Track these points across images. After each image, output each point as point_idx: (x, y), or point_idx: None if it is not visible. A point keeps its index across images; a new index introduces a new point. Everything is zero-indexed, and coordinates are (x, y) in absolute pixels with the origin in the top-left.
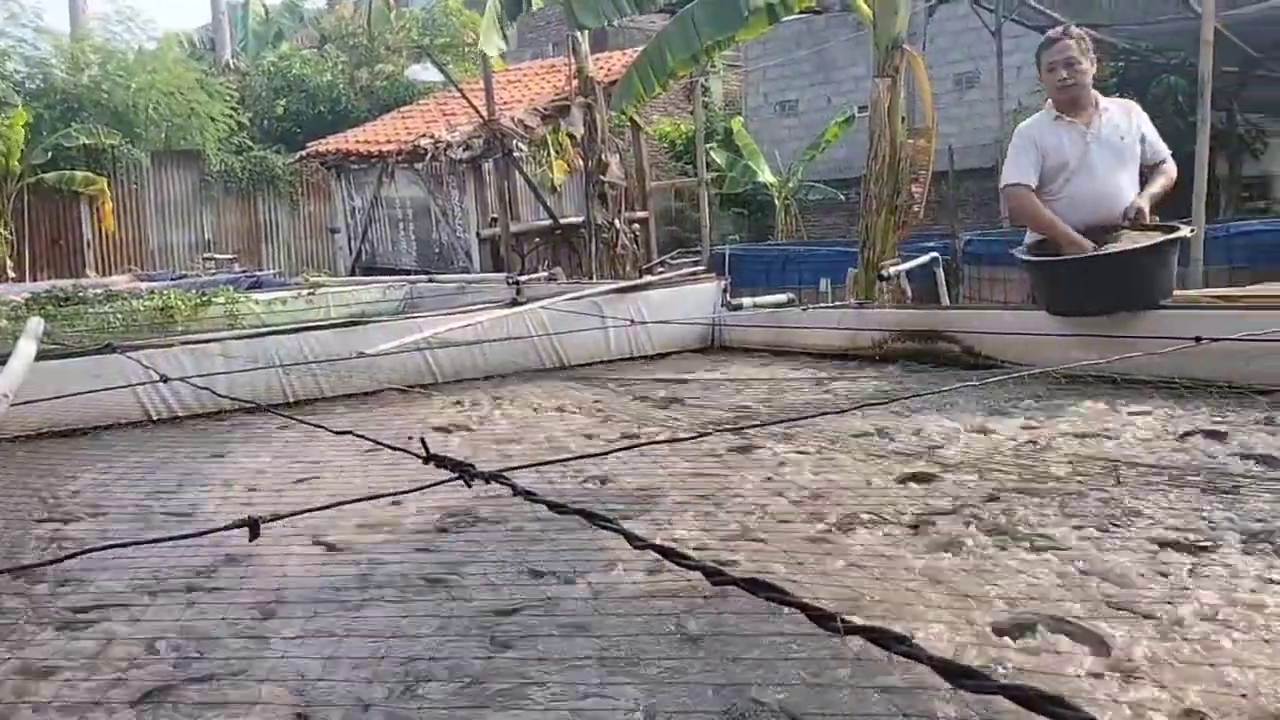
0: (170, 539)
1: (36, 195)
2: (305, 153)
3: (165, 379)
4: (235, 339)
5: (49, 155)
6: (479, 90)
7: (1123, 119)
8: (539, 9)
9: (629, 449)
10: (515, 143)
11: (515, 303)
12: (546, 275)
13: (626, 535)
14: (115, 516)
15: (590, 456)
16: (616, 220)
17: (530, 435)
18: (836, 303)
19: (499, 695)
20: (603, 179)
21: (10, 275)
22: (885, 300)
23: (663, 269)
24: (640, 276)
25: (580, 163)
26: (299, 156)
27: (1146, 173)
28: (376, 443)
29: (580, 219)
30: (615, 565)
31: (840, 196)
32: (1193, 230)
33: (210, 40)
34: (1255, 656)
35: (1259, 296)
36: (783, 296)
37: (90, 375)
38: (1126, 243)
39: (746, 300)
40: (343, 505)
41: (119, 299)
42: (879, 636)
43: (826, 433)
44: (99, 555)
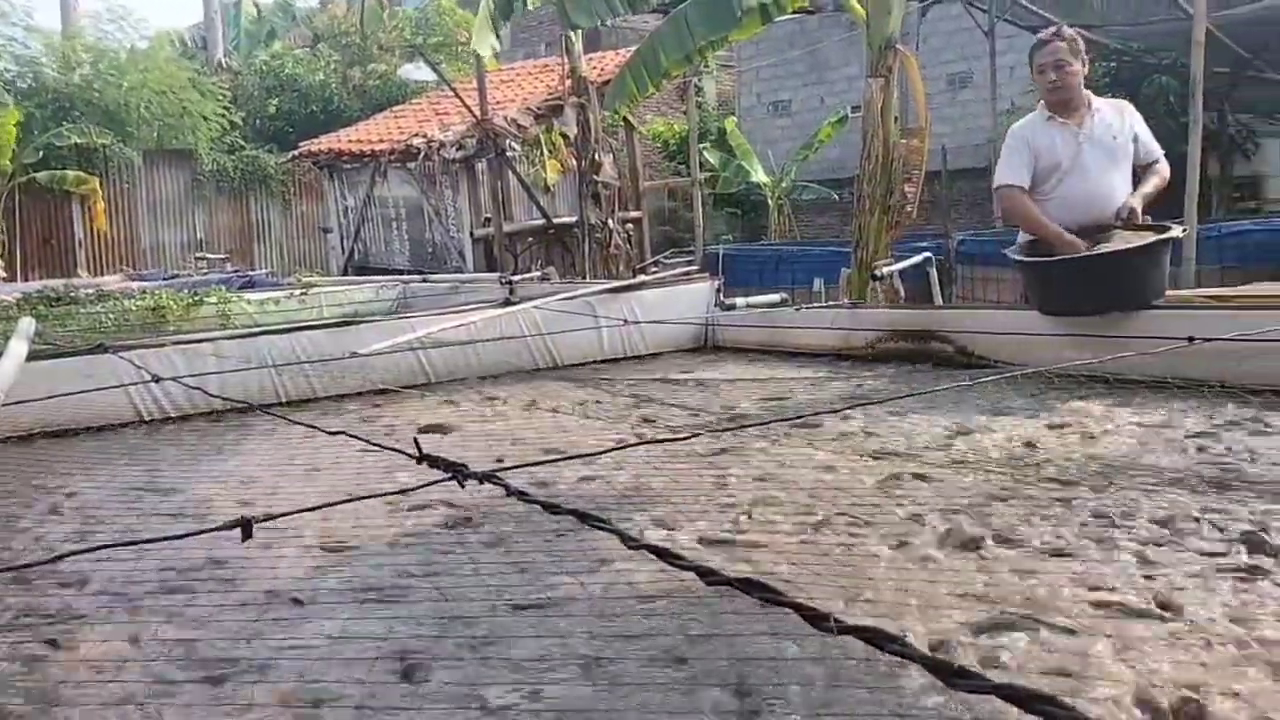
0: (162, 539)
1: (28, 195)
2: (298, 152)
3: (157, 379)
4: (228, 339)
5: (40, 154)
6: (472, 90)
7: (1115, 119)
8: (532, 9)
9: (622, 449)
10: (508, 142)
11: (508, 302)
12: (540, 275)
13: (620, 535)
14: (106, 517)
15: (583, 457)
16: (610, 220)
17: (523, 435)
18: (830, 303)
19: (481, 697)
20: (596, 179)
21: (1, 275)
22: (878, 300)
23: (656, 269)
24: (633, 276)
25: (573, 162)
26: (291, 156)
27: (1140, 172)
28: (369, 443)
29: (574, 219)
30: (608, 566)
31: (833, 196)
32: (1185, 230)
33: (202, 39)
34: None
35: (1251, 296)
36: (776, 296)
37: (82, 375)
38: (1119, 243)
39: (740, 300)
40: (335, 506)
41: (111, 299)
42: (872, 636)
43: (819, 432)
44: (89, 556)
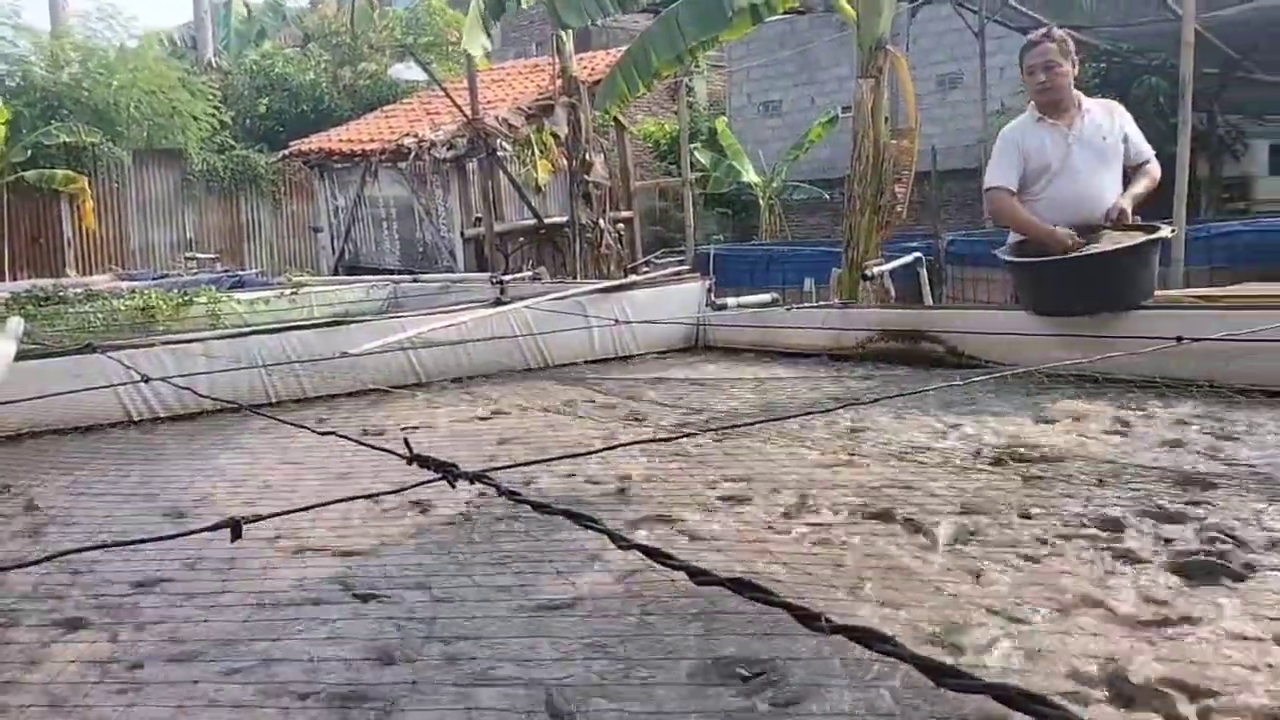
0: (152, 540)
1: (16, 194)
2: (288, 152)
3: (146, 379)
4: (217, 339)
5: (29, 153)
6: (463, 89)
7: (1105, 119)
8: (524, 8)
9: (613, 449)
10: (499, 142)
11: (499, 302)
12: (531, 275)
13: (611, 535)
14: (95, 517)
15: (574, 456)
16: (601, 220)
17: (514, 435)
18: (820, 303)
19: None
20: (587, 179)
21: None
22: (869, 300)
23: (647, 269)
24: (625, 276)
25: (564, 162)
26: (282, 156)
27: (1130, 173)
28: (359, 443)
29: (564, 219)
30: (598, 565)
31: (824, 196)
32: (1174, 231)
33: (192, 38)
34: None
35: (1239, 296)
36: (767, 296)
37: (71, 375)
38: (1108, 243)
39: (731, 300)
40: (325, 506)
41: (100, 298)
42: (863, 636)
43: (810, 432)
44: (78, 557)
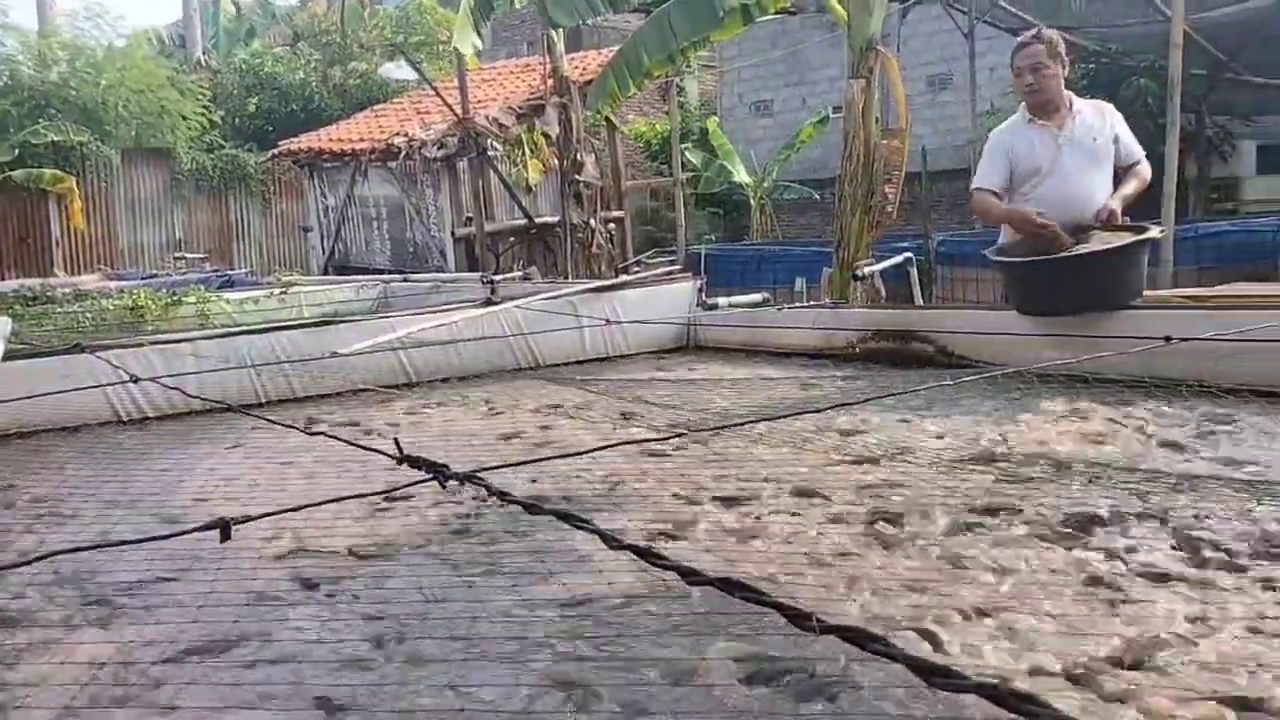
0: (140, 541)
1: (3, 193)
2: (277, 151)
3: (135, 379)
4: (206, 339)
5: (16, 153)
6: (453, 89)
7: (1096, 120)
8: (516, 7)
9: (604, 449)
10: (490, 142)
11: (490, 302)
12: (521, 275)
13: (602, 536)
14: (84, 518)
15: (565, 457)
16: (592, 220)
17: (505, 435)
18: (811, 302)
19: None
20: (578, 178)
21: None
22: (860, 300)
23: (638, 268)
24: (615, 276)
25: (555, 162)
26: (271, 155)
27: (1121, 174)
28: (350, 443)
29: (555, 218)
30: (589, 565)
31: (815, 196)
32: (1162, 231)
33: (181, 37)
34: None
35: (1227, 296)
36: (758, 296)
37: (59, 375)
38: (1098, 243)
39: (722, 300)
40: (314, 506)
41: (88, 298)
42: (854, 635)
43: (800, 432)
44: (68, 557)
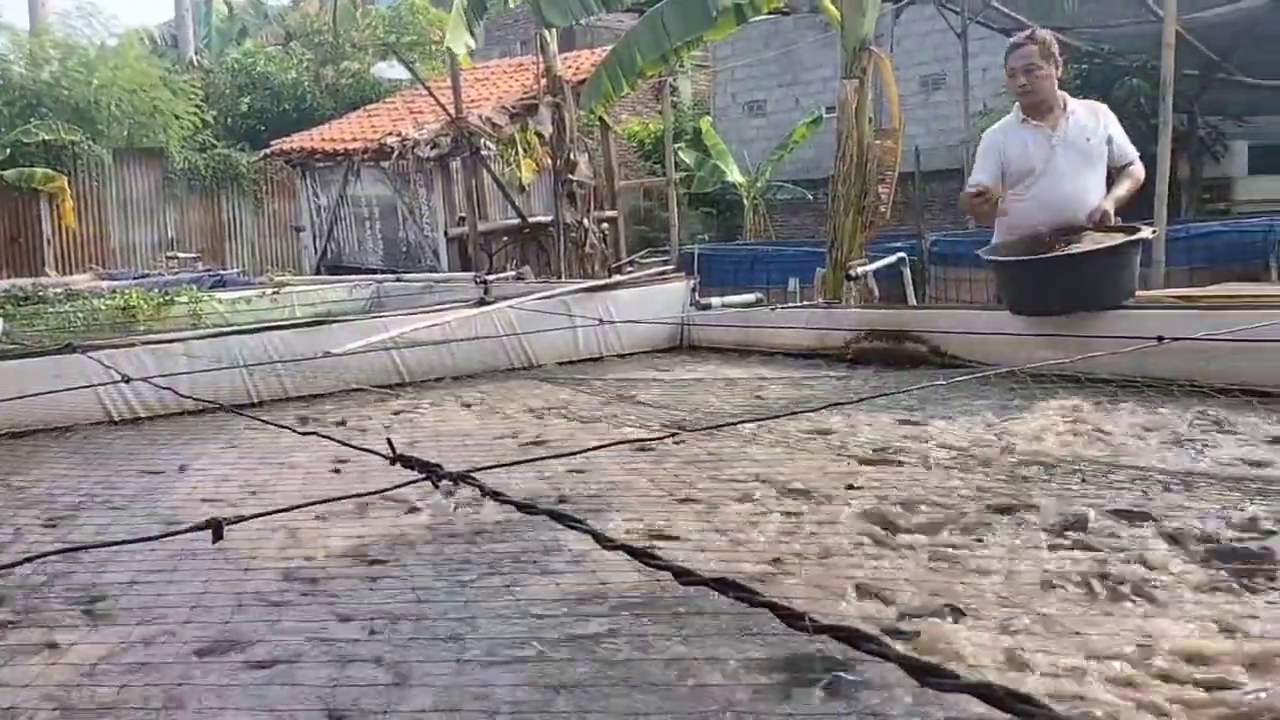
0: (132, 541)
1: None
2: (270, 151)
3: (127, 379)
4: (198, 339)
5: (7, 152)
6: (446, 88)
7: (1090, 120)
8: (509, 7)
9: (597, 449)
10: (483, 141)
11: (483, 302)
12: (514, 274)
13: (595, 536)
14: (76, 518)
15: (559, 456)
16: (585, 219)
17: (498, 435)
18: (805, 302)
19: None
20: (571, 178)
21: None
22: (853, 300)
23: (631, 268)
24: (609, 276)
25: (549, 162)
26: (263, 154)
27: (1115, 175)
28: (342, 443)
29: (549, 218)
30: (583, 565)
31: (808, 196)
32: (1154, 231)
33: (173, 37)
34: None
35: (1219, 296)
36: (751, 296)
37: (51, 375)
38: (1090, 244)
39: (715, 300)
40: (307, 506)
41: (80, 298)
42: (848, 635)
43: (793, 432)
44: (59, 558)
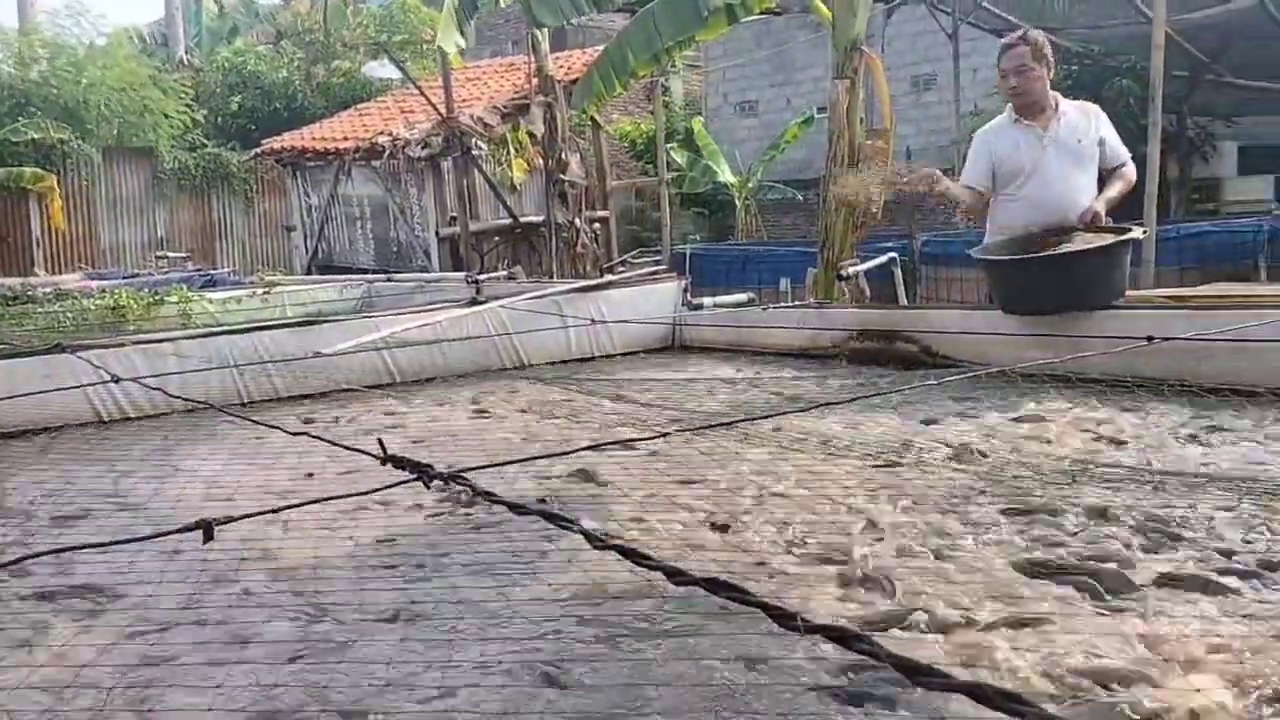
0: (122, 542)
1: None
2: (260, 150)
3: (117, 379)
4: (188, 339)
5: None
6: (437, 88)
7: (1081, 121)
8: (501, 6)
9: (589, 449)
10: (474, 141)
11: (475, 302)
12: (506, 274)
13: (587, 535)
14: (64, 518)
15: (551, 456)
16: (577, 219)
17: (490, 435)
18: (796, 302)
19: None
20: (563, 178)
21: None
22: (845, 300)
23: (623, 268)
24: (601, 276)
25: (540, 161)
26: (254, 154)
27: (1106, 176)
28: (333, 444)
29: (540, 218)
30: (575, 566)
31: (799, 197)
32: (1144, 231)
33: (163, 36)
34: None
35: (1208, 296)
36: (743, 296)
37: (40, 375)
38: (1080, 244)
39: (707, 300)
40: (297, 507)
41: (69, 298)
42: (840, 635)
43: (785, 432)
44: (49, 558)
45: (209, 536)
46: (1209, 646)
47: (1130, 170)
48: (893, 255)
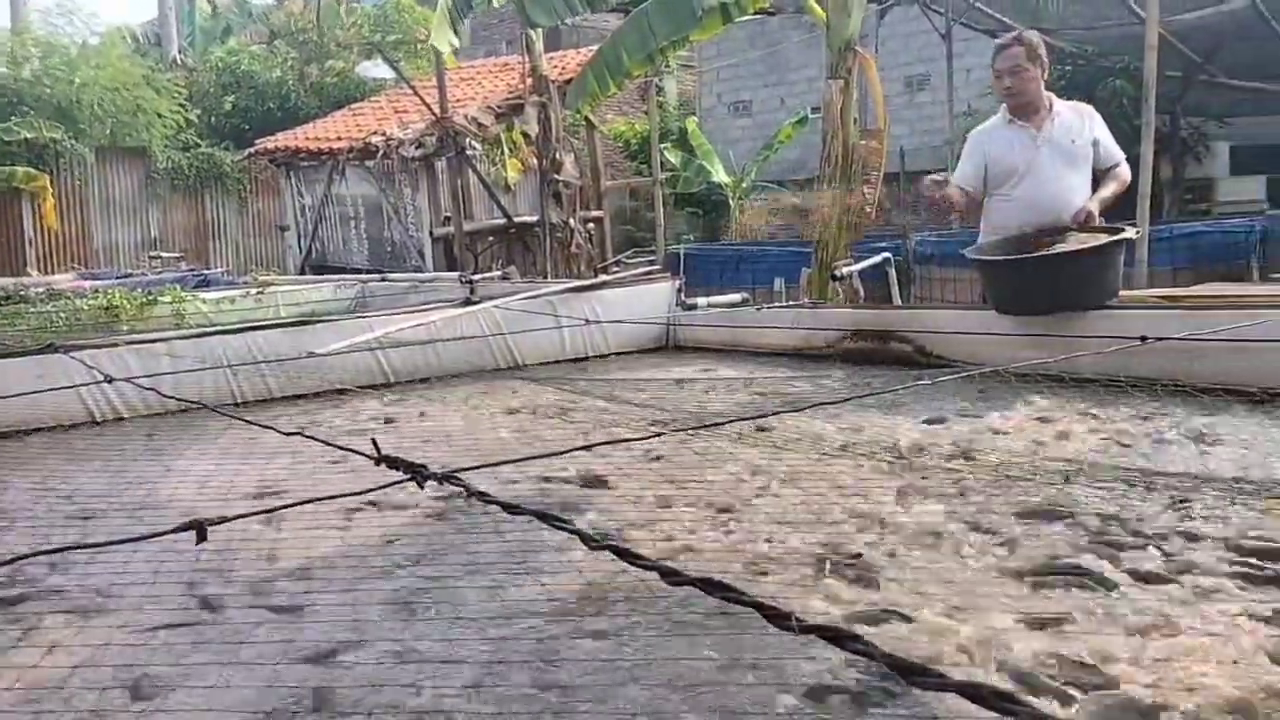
0: (115, 542)
1: None
2: (254, 150)
3: (110, 379)
4: (181, 339)
5: None
6: (431, 87)
7: (1075, 122)
8: (494, 6)
9: (583, 449)
10: (469, 141)
11: (469, 302)
12: (500, 274)
13: (582, 535)
14: (57, 519)
15: (544, 457)
16: (571, 219)
17: (484, 435)
18: (790, 302)
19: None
20: (557, 178)
21: None
22: (839, 300)
23: (617, 268)
24: (595, 276)
25: (534, 161)
26: (248, 154)
27: (1100, 176)
28: (327, 444)
29: (535, 218)
30: (570, 566)
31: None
32: (1138, 232)
33: (156, 35)
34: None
35: (1202, 296)
36: (737, 296)
37: (33, 375)
38: (1074, 244)
39: (701, 300)
40: (291, 507)
41: (62, 298)
42: (834, 635)
43: (779, 431)
44: (42, 559)
45: (202, 537)
46: (1208, 643)
47: (1125, 171)
48: (886, 255)
